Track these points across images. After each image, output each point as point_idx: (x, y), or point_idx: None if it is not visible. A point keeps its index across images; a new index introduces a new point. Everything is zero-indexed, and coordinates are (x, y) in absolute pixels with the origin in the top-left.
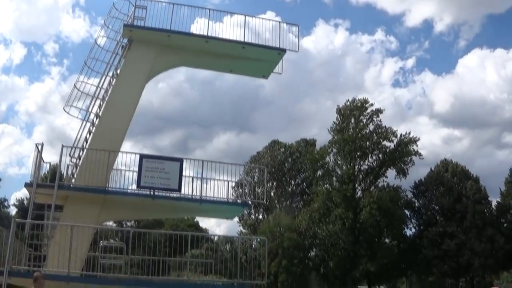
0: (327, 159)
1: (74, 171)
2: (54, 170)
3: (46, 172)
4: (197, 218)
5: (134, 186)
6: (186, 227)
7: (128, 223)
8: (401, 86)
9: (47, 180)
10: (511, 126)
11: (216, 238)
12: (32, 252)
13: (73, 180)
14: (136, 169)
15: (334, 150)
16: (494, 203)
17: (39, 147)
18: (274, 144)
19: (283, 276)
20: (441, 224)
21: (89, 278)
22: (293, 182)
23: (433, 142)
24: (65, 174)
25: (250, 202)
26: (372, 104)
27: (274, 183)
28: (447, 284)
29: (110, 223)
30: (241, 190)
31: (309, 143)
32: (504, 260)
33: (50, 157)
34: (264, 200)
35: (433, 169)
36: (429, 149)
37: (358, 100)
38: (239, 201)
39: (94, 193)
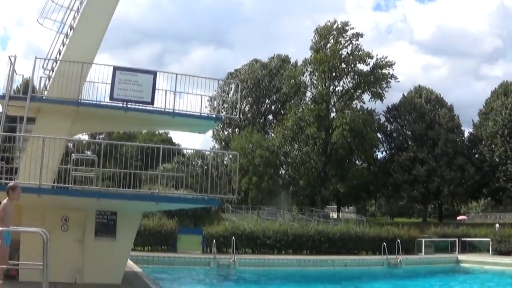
0: (303, 78)
1: (47, 84)
2: (27, 82)
3: (19, 86)
4: (170, 134)
5: (107, 99)
6: (158, 142)
7: (101, 136)
8: (382, 10)
9: (20, 93)
10: (491, 59)
11: (187, 152)
12: (4, 165)
13: (45, 93)
14: (110, 82)
15: (310, 69)
16: (466, 134)
17: (12, 59)
18: (254, 62)
19: (254, 192)
20: (412, 150)
21: (60, 190)
22: (267, 100)
23: (411, 68)
24: (38, 87)
25: (223, 117)
26: (353, 28)
27: (250, 99)
28: (415, 209)
29: (82, 136)
30: (215, 104)
31: (284, 60)
32: (473, 190)
33: (25, 71)
34: (237, 116)
35: (406, 94)
36: (407, 75)
37: (340, 22)
38: (212, 115)
39: (67, 105)
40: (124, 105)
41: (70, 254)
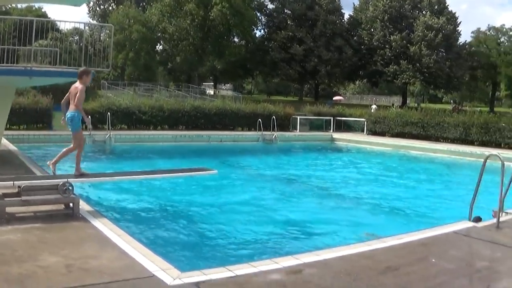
0: None
1: None
2: None
3: None
4: (46, 10)
5: None
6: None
7: None
8: None
9: None
10: None
11: (63, 26)
12: None
13: None
14: None
15: None
16: (347, 16)
17: None
18: None
19: (130, 68)
20: (291, 29)
21: None
22: None
23: None
24: None
25: None
26: None
27: None
28: (292, 88)
29: None
30: None
31: None
32: (351, 72)
33: None
34: None
35: None
36: None
37: None
38: None
39: None
40: None
41: None
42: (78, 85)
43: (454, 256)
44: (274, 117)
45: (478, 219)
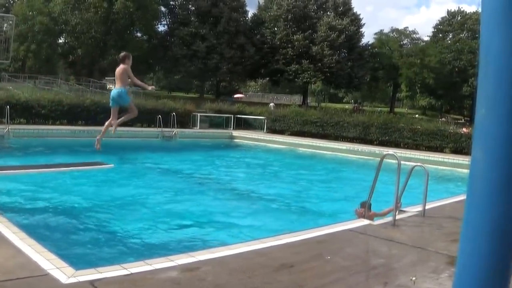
0: None
1: None
2: None
3: None
4: None
5: None
6: None
7: None
8: None
9: None
10: None
11: None
12: None
13: None
14: None
15: None
16: (251, 15)
17: None
18: None
19: (31, 61)
20: (194, 25)
21: None
22: None
23: None
24: None
25: None
26: None
27: None
28: (193, 85)
29: None
30: None
31: None
32: (252, 70)
33: None
34: None
35: None
36: None
37: None
38: None
39: None
40: None
41: None
42: (122, 65)
43: (350, 253)
44: (174, 113)
45: (364, 205)
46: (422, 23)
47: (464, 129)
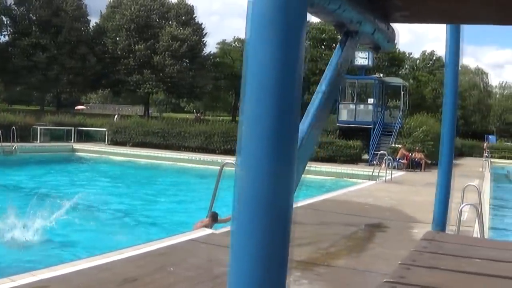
0: None
1: None
2: None
3: None
4: None
5: None
6: None
7: None
8: None
9: None
10: None
11: None
12: None
13: None
14: None
15: None
16: (93, 24)
17: None
18: None
19: None
20: (35, 36)
21: None
22: None
23: None
24: None
25: None
26: None
27: None
28: (33, 97)
29: None
30: None
31: None
32: (94, 80)
33: None
34: None
35: None
36: None
37: None
38: None
39: None
40: None
41: None
42: None
43: (193, 263)
44: (14, 127)
45: (214, 216)
46: None
47: None
